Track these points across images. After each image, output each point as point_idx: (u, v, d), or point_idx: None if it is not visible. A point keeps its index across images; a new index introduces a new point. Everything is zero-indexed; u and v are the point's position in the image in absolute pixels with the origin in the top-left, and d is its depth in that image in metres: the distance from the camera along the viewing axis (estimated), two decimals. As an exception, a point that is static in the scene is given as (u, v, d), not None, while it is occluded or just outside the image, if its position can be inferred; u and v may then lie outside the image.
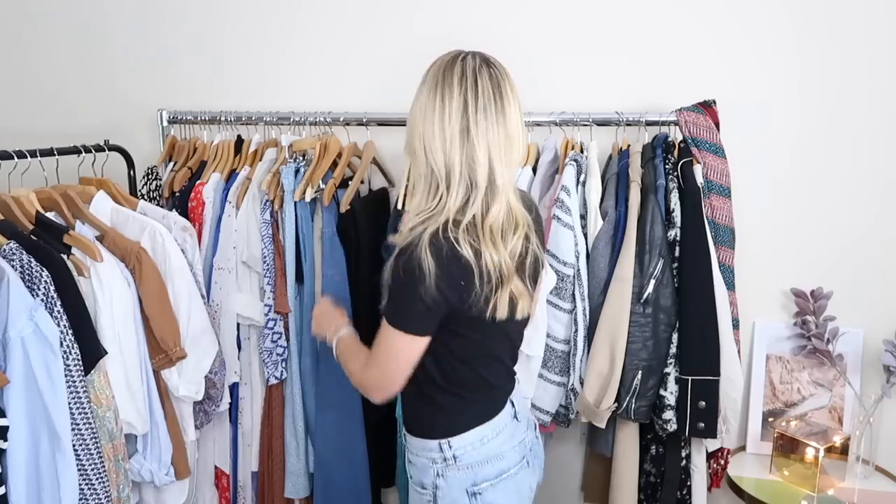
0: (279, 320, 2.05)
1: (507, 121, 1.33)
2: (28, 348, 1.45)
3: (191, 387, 1.84)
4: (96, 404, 1.62)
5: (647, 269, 1.80)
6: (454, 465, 1.43)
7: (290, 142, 2.09)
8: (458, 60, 1.33)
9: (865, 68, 1.97)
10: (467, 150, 1.31)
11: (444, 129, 1.31)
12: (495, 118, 1.31)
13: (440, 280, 1.28)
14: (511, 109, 1.34)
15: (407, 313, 1.34)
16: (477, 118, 1.30)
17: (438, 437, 1.44)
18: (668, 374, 1.83)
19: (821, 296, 2.00)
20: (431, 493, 1.45)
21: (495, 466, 1.45)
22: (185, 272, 1.83)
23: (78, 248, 1.67)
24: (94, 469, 1.58)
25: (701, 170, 1.87)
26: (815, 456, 1.90)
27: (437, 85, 1.32)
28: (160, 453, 1.80)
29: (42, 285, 1.51)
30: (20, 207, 1.69)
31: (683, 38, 2.06)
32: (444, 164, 1.32)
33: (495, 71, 1.34)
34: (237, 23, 2.33)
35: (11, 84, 2.56)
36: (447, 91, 1.31)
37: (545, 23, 2.12)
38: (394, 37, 2.23)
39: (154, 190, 2.20)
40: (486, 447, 1.45)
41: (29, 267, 1.52)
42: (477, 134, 1.30)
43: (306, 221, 2.01)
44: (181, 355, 1.79)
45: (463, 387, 1.44)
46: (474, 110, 1.30)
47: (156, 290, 1.76)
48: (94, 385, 1.63)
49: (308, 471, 2.11)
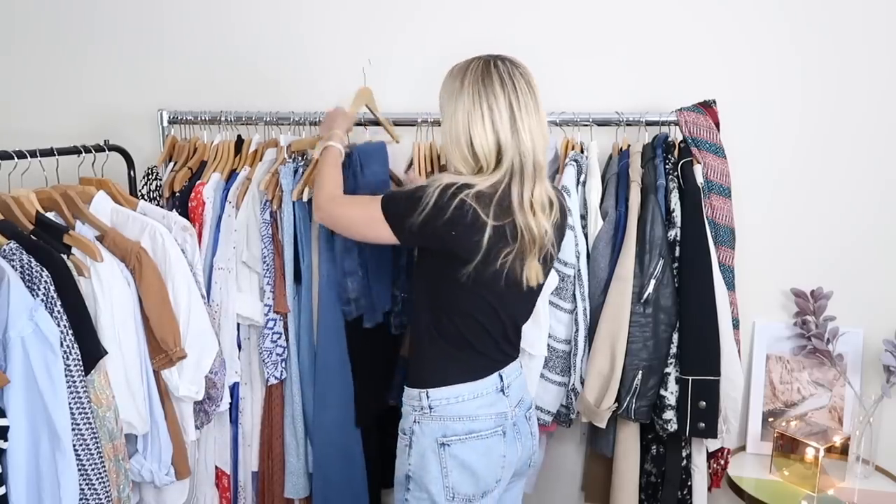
0: (279, 320, 2.05)
1: (539, 112, 1.51)
2: (28, 348, 1.45)
3: (191, 387, 1.83)
4: (96, 404, 1.62)
5: (648, 269, 1.80)
6: (429, 414, 1.55)
7: (289, 142, 2.09)
8: (492, 67, 1.49)
9: (865, 68, 1.97)
10: (518, 146, 1.47)
11: (498, 130, 1.47)
12: (535, 111, 1.50)
13: (432, 215, 1.45)
14: (541, 102, 1.53)
15: (398, 208, 1.51)
16: (521, 115, 1.48)
17: (420, 387, 1.57)
18: (668, 374, 1.83)
19: (821, 296, 2.00)
20: (409, 438, 1.58)
21: (465, 425, 1.55)
22: (185, 272, 1.83)
23: (78, 248, 1.67)
24: (94, 469, 1.58)
25: (701, 170, 1.87)
26: (815, 456, 1.90)
27: (481, 92, 1.48)
28: (160, 453, 1.80)
29: (42, 285, 1.51)
30: (20, 207, 1.69)
31: (683, 38, 2.06)
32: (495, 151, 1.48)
33: (524, 71, 1.52)
34: (237, 23, 2.33)
35: (11, 84, 2.56)
36: (493, 97, 1.47)
37: (545, 23, 2.12)
38: (394, 37, 2.23)
39: (154, 190, 2.19)
40: (460, 405, 1.55)
41: (29, 267, 1.52)
42: (524, 128, 1.48)
43: (304, 221, 2.01)
44: (181, 355, 1.79)
45: (448, 341, 1.56)
46: (518, 109, 1.47)
47: (156, 290, 1.76)
48: (95, 385, 1.62)
49: (308, 471, 2.11)
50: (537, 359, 1.89)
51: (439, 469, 1.54)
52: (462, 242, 1.46)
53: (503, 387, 1.59)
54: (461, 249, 1.47)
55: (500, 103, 1.47)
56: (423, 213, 1.45)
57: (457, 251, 1.47)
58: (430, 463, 1.55)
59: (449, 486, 1.55)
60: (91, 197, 1.83)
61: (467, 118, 1.48)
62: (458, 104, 1.50)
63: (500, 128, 1.47)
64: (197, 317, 1.84)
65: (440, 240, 1.48)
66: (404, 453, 1.59)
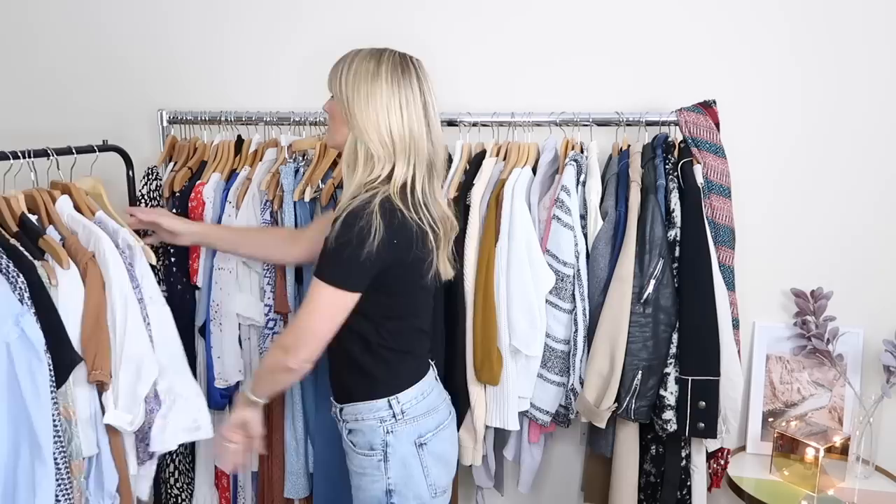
0: (279, 320, 2.05)
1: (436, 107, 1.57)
2: (13, 354, 1.40)
3: (124, 416, 1.63)
4: (66, 417, 1.52)
5: (647, 269, 1.80)
6: (402, 419, 1.56)
7: (289, 142, 2.09)
8: (408, 61, 1.53)
9: (865, 68, 1.97)
10: (430, 136, 1.53)
11: (412, 122, 1.50)
12: (436, 115, 1.56)
13: (386, 242, 1.43)
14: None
15: (347, 269, 1.46)
16: (432, 113, 1.54)
17: (386, 395, 1.56)
18: (668, 374, 1.83)
19: (821, 296, 2.00)
20: (381, 451, 1.56)
21: (434, 418, 1.61)
22: (123, 290, 1.66)
23: (49, 253, 1.60)
24: (60, 487, 1.48)
25: (701, 170, 1.87)
26: (815, 456, 1.90)
27: (400, 83, 1.50)
28: (103, 481, 1.64)
29: (18, 290, 1.46)
30: (9, 209, 1.65)
31: (683, 38, 2.06)
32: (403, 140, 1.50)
33: (422, 65, 1.56)
34: (237, 23, 2.33)
35: (11, 84, 2.56)
36: (409, 91, 1.50)
37: (545, 23, 2.12)
38: (394, 37, 2.21)
39: (154, 190, 2.19)
40: (426, 400, 1.60)
41: (7, 271, 1.47)
42: (434, 124, 1.54)
43: (305, 221, 2.01)
44: (98, 378, 1.59)
45: (401, 341, 1.58)
46: (432, 106, 1.54)
47: (94, 304, 1.62)
48: (66, 396, 1.53)
49: (308, 471, 2.11)
50: (534, 359, 1.89)
51: (421, 470, 1.56)
52: (409, 251, 1.50)
53: (435, 375, 1.70)
54: (407, 256, 1.50)
55: (416, 98, 1.51)
56: (374, 244, 1.43)
57: (404, 259, 1.50)
58: (411, 468, 1.56)
59: (432, 483, 1.58)
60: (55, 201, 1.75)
61: (385, 103, 1.49)
62: (375, 87, 1.49)
63: (415, 120, 1.50)
64: (133, 339, 1.65)
65: (398, 260, 1.49)
66: (378, 469, 1.56)
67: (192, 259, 2.12)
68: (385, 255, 1.45)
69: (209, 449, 2.18)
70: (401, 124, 1.49)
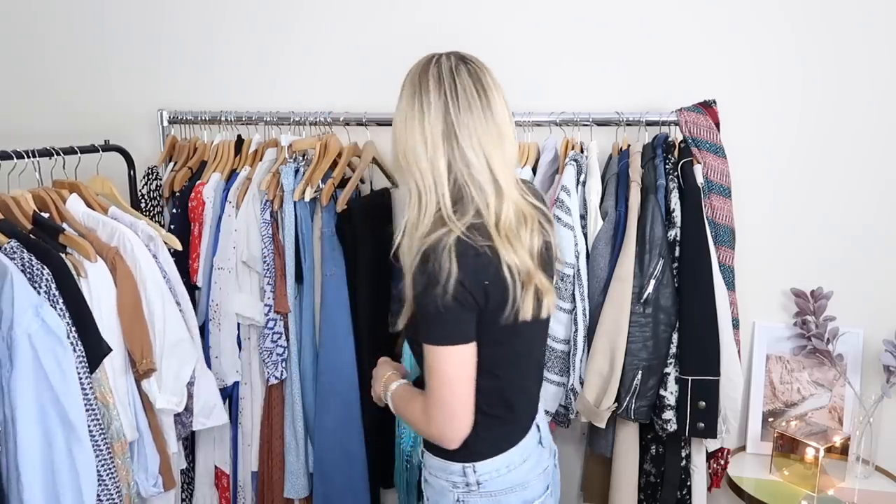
0: (279, 320, 2.05)
1: (494, 116, 1.25)
2: (36, 344, 1.44)
3: (171, 398, 1.75)
4: (102, 402, 1.60)
5: (647, 269, 1.80)
6: (476, 491, 1.34)
7: (289, 142, 2.09)
8: (433, 63, 1.27)
9: (865, 68, 1.97)
10: (457, 154, 1.24)
11: (426, 136, 1.23)
12: (482, 114, 1.24)
13: (464, 279, 1.20)
14: (497, 103, 1.27)
15: (443, 323, 1.22)
16: (461, 119, 1.23)
17: (462, 461, 1.34)
18: (668, 374, 1.83)
19: (821, 296, 2.00)
20: None
21: (519, 496, 1.36)
22: (156, 280, 1.74)
23: (73, 248, 1.66)
24: (104, 466, 1.57)
25: (701, 170, 1.87)
26: (815, 456, 1.90)
27: (416, 92, 1.26)
28: (147, 463, 1.74)
29: (44, 283, 1.51)
30: (19, 207, 1.68)
31: (683, 39, 2.06)
32: (430, 170, 1.24)
33: (473, 67, 1.27)
34: (237, 22, 2.33)
35: (12, 84, 2.57)
36: (425, 96, 1.24)
37: (545, 23, 2.12)
38: (394, 37, 2.23)
39: (154, 190, 2.20)
40: (512, 474, 1.36)
41: (30, 264, 1.51)
42: (464, 134, 1.23)
43: (305, 221, 2.01)
44: (148, 368, 1.70)
45: (489, 402, 1.32)
46: (457, 111, 1.23)
47: (129, 298, 1.69)
48: (101, 383, 1.61)
49: (308, 471, 2.11)
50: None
51: None
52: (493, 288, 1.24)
53: (540, 437, 1.42)
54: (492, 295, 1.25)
55: (432, 105, 1.24)
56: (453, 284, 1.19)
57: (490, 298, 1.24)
58: None
59: None
60: (65, 200, 1.80)
61: (404, 125, 1.26)
62: (397, 110, 1.29)
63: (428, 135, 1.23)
64: (173, 326, 1.76)
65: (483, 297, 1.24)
66: None
67: (191, 259, 2.12)
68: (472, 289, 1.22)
69: (209, 449, 2.18)
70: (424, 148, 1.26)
